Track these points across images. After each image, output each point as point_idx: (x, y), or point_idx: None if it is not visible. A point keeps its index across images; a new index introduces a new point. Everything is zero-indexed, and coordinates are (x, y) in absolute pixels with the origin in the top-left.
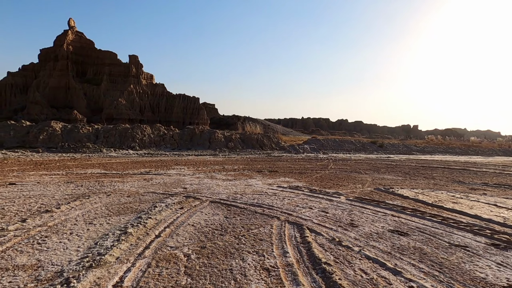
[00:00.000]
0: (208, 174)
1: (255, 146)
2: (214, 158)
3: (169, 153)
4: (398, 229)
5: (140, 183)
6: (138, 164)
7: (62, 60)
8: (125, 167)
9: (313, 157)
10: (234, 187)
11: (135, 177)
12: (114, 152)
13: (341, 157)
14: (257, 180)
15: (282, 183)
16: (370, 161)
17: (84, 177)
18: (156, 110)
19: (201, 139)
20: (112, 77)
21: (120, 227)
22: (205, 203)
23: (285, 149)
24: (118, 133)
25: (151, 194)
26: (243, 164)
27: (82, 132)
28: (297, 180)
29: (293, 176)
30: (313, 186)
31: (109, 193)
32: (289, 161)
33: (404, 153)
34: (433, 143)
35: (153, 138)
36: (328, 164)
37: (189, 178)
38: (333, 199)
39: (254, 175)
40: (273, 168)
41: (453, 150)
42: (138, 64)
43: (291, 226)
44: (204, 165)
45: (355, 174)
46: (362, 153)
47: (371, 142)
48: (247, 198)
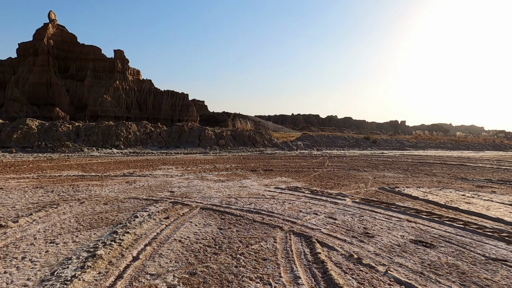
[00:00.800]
0: (198, 175)
1: (247, 143)
2: (204, 157)
3: (156, 152)
4: (420, 239)
5: (121, 186)
6: (121, 165)
7: (43, 55)
8: (107, 168)
9: (307, 154)
10: (228, 190)
11: (116, 179)
12: (97, 151)
13: (335, 154)
14: (252, 181)
15: (280, 184)
16: (365, 157)
17: (58, 181)
18: (143, 107)
19: (191, 137)
20: (96, 73)
21: (89, 247)
22: (195, 210)
23: (278, 146)
24: (101, 131)
25: (133, 201)
26: (236, 162)
27: (61, 130)
28: (295, 180)
29: (290, 176)
30: (313, 186)
31: (83, 200)
32: (284, 158)
33: (397, 148)
34: (421, 138)
35: (139, 136)
36: (324, 162)
37: (177, 179)
38: (338, 201)
39: (249, 175)
40: (268, 167)
41: (445, 145)
42: (123, 59)
43: (297, 239)
44: (194, 165)
45: (355, 172)
46: (356, 149)
47: (364, 138)
48: (243, 202)
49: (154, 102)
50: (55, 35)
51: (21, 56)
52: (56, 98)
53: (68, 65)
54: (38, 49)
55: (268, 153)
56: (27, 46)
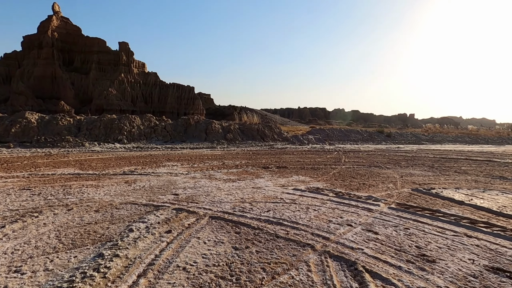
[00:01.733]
0: (205, 173)
1: (255, 138)
2: (211, 152)
3: (160, 147)
4: (498, 265)
5: (119, 188)
6: (122, 161)
7: (47, 47)
8: (106, 165)
9: (320, 148)
10: (240, 192)
11: (114, 179)
12: (98, 146)
13: (349, 148)
14: (266, 180)
15: (298, 184)
16: (382, 152)
17: (49, 181)
18: (149, 100)
19: (197, 131)
20: (101, 66)
21: (63, 280)
22: (203, 220)
23: (288, 140)
24: (103, 125)
25: (130, 207)
26: (245, 158)
27: (62, 124)
28: (313, 179)
29: (307, 174)
30: (337, 187)
31: (71, 206)
32: (296, 154)
33: (413, 142)
34: (433, 131)
35: (143, 130)
36: (340, 157)
37: (183, 179)
38: (371, 207)
39: (261, 173)
40: (281, 163)
41: (462, 139)
42: (128, 52)
43: (337, 265)
44: (201, 161)
45: (377, 169)
46: (370, 143)
47: (378, 132)
48: (259, 209)
49: (160, 95)
50: (59, 28)
51: (26, 49)
52: (61, 91)
53: (73, 57)
54: (42, 42)
55: (279, 147)
56: (31, 38)
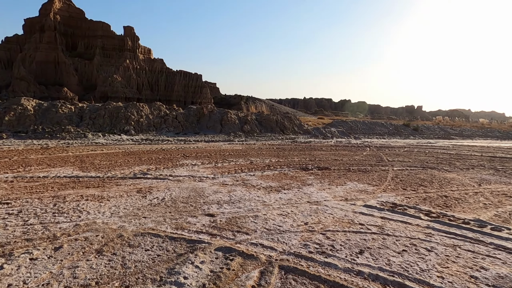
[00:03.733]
0: (236, 177)
1: (274, 130)
2: (230, 146)
3: (172, 139)
4: None
5: (131, 201)
6: (131, 157)
7: (49, 31)
8: (112, 163)
9: (347, 143)
10: (296, 210)
11: (123, 185)
12: (103, 137)
13: (379, 144)
14: (318, 189)
15: (362, 196)
16: (418, 148)
17: (38, 188)
18: (155, 88)
19: (211, 121)
20: (105, 51)
21: None
22: (273, 274)
23: (310, 133)
24: (108, 114)
25: (149, 241)
26: (273, 155)
27: (62, 112)
28: (375, 187)
29: (361, 179)
30: (416, 202)
31: (61, 242)
32: (326, 149)
33: (442, 137)
34: (443, 124)
35: (152, 119)
36: (378, 155)
37: (211, 186)
38: (503, 243)
39: (304, 177)
40: (317, 162)
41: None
42: (134, 37)
43: None
44: (223, 158)
45: (436, 173)
46: (398, 138)
47: (403, 125)
48: (345, 247)
49: (166, 82)
50: (61, 10)
51: (28, 33)
52: (64, 77)
53: (76, 42)
54: (44, 25)
55: (302, 141)
56: (33, 22)
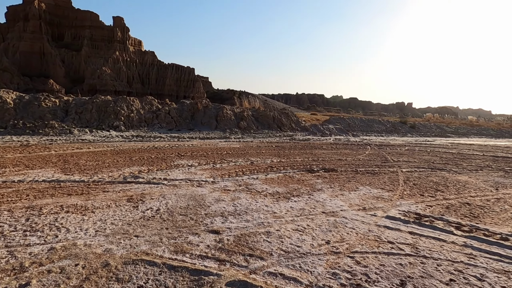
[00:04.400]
0: (238, 181)
1: (272, 127)
2: (227, 144)
3: (165, 136)
4: None
5: (120, 214)
6: (121, 157)
7: (34, 20)
8: (100, 164)
9: (346, 141)
10: (313, 224)
11: (111, 192)
12: (90, 134)
13: (379, 142)
14: (330, 196)
15: (380, 204)
16: (419, 147)
17: (9, 197)
18: (146, 82)
19: (206, 117)
20: (93, 42)
21: None
22: None
23: (308, 130)
24: (96, 108)
25: (143, 273)
26: (273, 154)
27: (45, 106)
28: (390, 193)
29: (373, 183)
30: (441, 211)
31: (29, 275)
32: (326, 148)
33: (439, 135)
34: (435, 121)
35: (143, 114)
36: (381, 154)
37: (211, 192)
38: None
39: (311, 180)
40: (321, 163)
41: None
42: (124, 28)
43: None
44: (221, 158)
45: (446, 174)
46: (396, 135)
47: (400, 122)
48: (382, 277)
49: (158, 76)
50: None
51: (11, 21)
52: (51, 69)
53: (63, 32)
54: (28, 14)
55: (300, 139)
56: (16, 9)
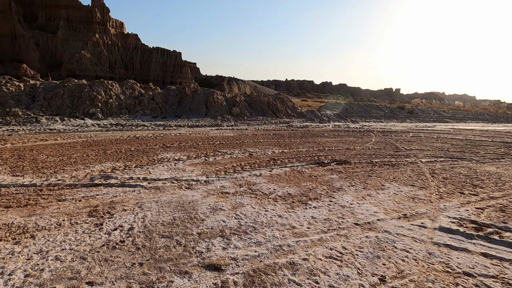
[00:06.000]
0: (237, 179)
1: (266, 113)
2: (219, 132)
3: (149, 124)
4: None
5: (72, 240)
6: (93, 150)
7: None
8: (64, 160)
9: (346, 127)
10: (349, 245)
11: (69, 202)
12: (61, 123)
13: (379, 128)
14: (357, 199)
15: (420, 207)
16: (423, 133)
17: None
18: (129, 67)
19: (194, 103)
20: (71, 24)
21: None
22: None
23: (305, 116)
24: (68, 93)
25: None
26: (273, 144)
27: (7, 91)
28: (426, 191)
29: (397, 177)
30: (503, 219)
31: None
32: (328, 135)
33: (437, 120)
34: (422, 106)
35: (124, 100)
36: (389, 142)
37: (205, 196)
38: None
39: (325, 175)
40: (329, 153)
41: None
42: (103, 8)
43: None
44: (214, 148)
45: (472, 165)
46: (395, 121)
47: (398, 108)
48: None
49: (142, 60)
50: None
51: None
52: (24, 53)
53: (36, 12)
54: None
55: (298, 126)
56: None
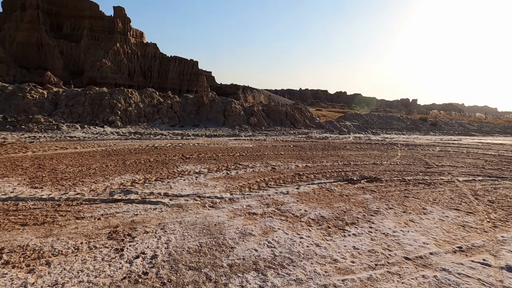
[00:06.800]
0: (263, 197)
1: (284, 123)
2: (238, 143)
3: (167, 133)
4: None
5: (90, 269)
6: (113, 160)
7: (31, 9)
8: (83, 171)
9: (367, 139)
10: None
11: (87, 220)
12: (81, 130)
13: (403, 140)
14: (399, 225)
15: (475, 239)
16: (450, 147)
17: None
18: (147, 75)
19: (212, 112)
20: (93, 33)
21: None
22: None
23: (323, 126)
24: (89, 101)
25: None
26: (294, 156)
27: (31, 98)
28: (476, 218)
29: (437, 199)
30: None
31: None
32: (351, 148)
33: (462, 133)
34: (442, 117)
35: (143, 108)
36: (417, 157)
37: (231, 217)
38: None
39: (357, 195)
40: (355, 167)
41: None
42: (125, 19)
43: None
44: (234, 161)
45: None
46: (417, 133)
47: (420, 119)
48: None
49: (160, 69)
50: None
51: (8, 10)
52: (49, 60)
53: (61, 22)
54: (25, 3)
55: (317, 137)
56: None
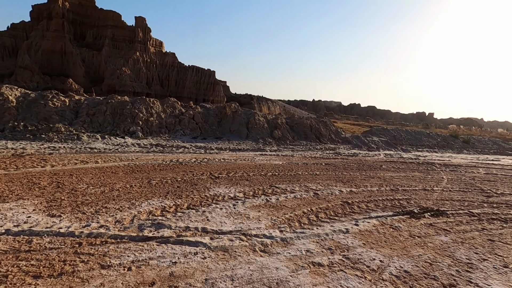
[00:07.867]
0: (321, 237)
1: (309, 137)
2: (265, 159)
3: (189, 145)
4: None
5: None
6: (137, 179)
7: (57, 18)
8: (106, 193)
9: (399, 157)
10: None
11: (115, 269)
12: (101, 141)
13: (438, 159)
14: None
15: None
16: (494, 168)
17: None
18: (165, 84)
19: (235, 124)
20: (115, 42)
21: None
22: None
23: (350, 141)
24: (110, 110)
25: None
26: (332, 178)
27: (52, 106)
28: None
29: None
30: None
31: None
32: (388, 168)
33: (498, 152)
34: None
35: (164, 119)
36: (466, 181)
37: (292, 270)
38: None
39: (432, 237)
40: (406, 195)
41: None
42: (145, 28)
43: None
44: (268, 182)
45: None
46: (450, 151)
47: (451, 136)
48: None
49: (177, 78)
50: None
51: (35, 19)
52: (71, 68)
53: (85, 32)
54: (52, 12)
55: (346, 153)
56: (41, 8)
